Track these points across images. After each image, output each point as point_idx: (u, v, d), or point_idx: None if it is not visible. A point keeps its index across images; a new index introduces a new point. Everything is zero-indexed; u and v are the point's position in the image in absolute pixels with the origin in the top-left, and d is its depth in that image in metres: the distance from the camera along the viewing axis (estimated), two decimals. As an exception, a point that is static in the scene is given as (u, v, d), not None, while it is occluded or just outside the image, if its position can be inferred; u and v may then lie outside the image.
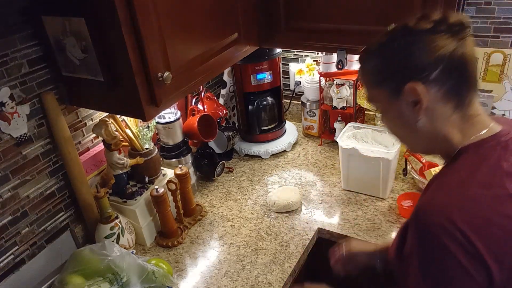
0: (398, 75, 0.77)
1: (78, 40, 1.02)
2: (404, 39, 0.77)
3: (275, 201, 1.52)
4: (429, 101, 0.75)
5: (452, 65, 0.74)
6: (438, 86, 0.75)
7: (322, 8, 1.33)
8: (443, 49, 0.73)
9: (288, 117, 2.11)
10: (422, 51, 0.74)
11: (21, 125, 1.13)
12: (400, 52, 0.77)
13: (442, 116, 0.77)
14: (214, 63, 1.26)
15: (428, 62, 0.74)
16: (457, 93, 0.76)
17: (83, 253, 1.17)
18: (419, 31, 0.75)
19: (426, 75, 0.74)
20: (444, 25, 0.75)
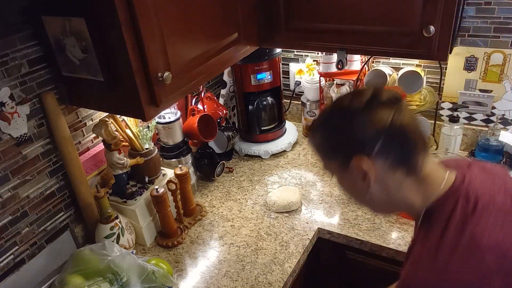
0: (342, 151, 0.80)
1: (78, 40, 1.02)
2: (341, 116, 0.80)
3: (275, 201, 1.52)
4: (377, 173, 0.77)
5: (393, 136, 0.76)
6: (383, 157, 0.76)
7: (322, 8, 1.32)
8: (381, 122, 0.75)
9: (288, 117, 2.11)
10: (361, 127, 0.76)
11: (21, 125, 1.13)
12: (341, 129, 0.80)
13: (395, 184, 0.79)
14: (214, 63, 1.26)
15: (369, 136, 0.76)
16: (404, 160, 0.78)
17: (83, 253, 1.17)
18: (355, 109, 0.78)
19: (369, 149, 0.76)
20: (376, 101, 0.77)
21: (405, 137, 0.76)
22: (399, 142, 0.76)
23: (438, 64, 1.63)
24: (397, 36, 1.26)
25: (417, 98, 1.63)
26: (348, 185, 0.87)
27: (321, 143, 0.85)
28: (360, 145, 0.77)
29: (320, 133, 0.84)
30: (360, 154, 0.77)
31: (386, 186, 0.80)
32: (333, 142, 0.82)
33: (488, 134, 1.59)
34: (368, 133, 0.76)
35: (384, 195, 0.81)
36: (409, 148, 0.77)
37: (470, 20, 1.50)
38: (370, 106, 0.77)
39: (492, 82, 1.58)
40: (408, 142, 0.77)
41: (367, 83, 1.69)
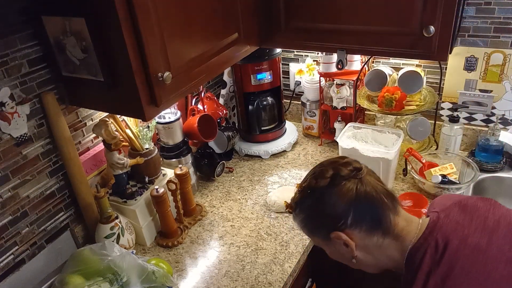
0: (321, 227, 0.88)
1: (78, 40, 1.02)
2: (312, 197, 0.87)
3: (275, 201, 1.52)
4: (356, 241, 0.84)
5: (361, 205, 0.83)
6: (358, 227, 0.84)
7: (322, 8, 1.33)
8: (347, 196, 0.83)
9: (288, 117, 2.11)
10: (331, 204, 0.84)
11: (21, 125, 1.13)
12: (313, 209, 0.88)
13: (376, 246, 0.86)
14: (214, 63, 1.26)
15: (340, 211, 0.83)
16: (378, 224, 0.84)
17: (83, 253, 1.17)
18: (321, 188, 0.85)
19: (343, 223, 0.83)
20: (338, 177, 0.85)
21: (372, 203, 0.83)
22: (368, 209, 0.83)
23: (438, 64, 1.64)
24: (397, 36, 1.26)
25: (417, 98, 1.63)
26: (335, 255, 0.93)
27: (301, 224, 0.92)
28: (334, 221, 0.84)
29: (298, 215, 0.92)
30: (337, 229, 0.84)
31: (368, 249, 0.86)
32: (311, 223, 0.90)
33: (488, 134, 1.59)
34: (338, 208, 0.83)
35: (370, 258, 0.88)
36: (378, 212, 0.84)
37: (470, 20, 1.50)
38: (335, 183, 0.84)
39: (492, 82, 1.58)
40: (376, 206, 0.84)
41: (367, 83, 1.69)
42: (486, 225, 0.80)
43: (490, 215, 0.83)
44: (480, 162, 1.60)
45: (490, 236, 0.78)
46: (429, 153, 1.63)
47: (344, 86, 1.76)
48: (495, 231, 0.79)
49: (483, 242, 0.77)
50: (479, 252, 0.76)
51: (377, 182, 0.86)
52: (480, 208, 0.85)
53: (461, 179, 1.53)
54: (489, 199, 0.88)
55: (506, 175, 1.59)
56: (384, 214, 0.84)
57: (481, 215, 0.82)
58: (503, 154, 1.62)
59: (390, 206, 0.85)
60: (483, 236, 0.78)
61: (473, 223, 0.81)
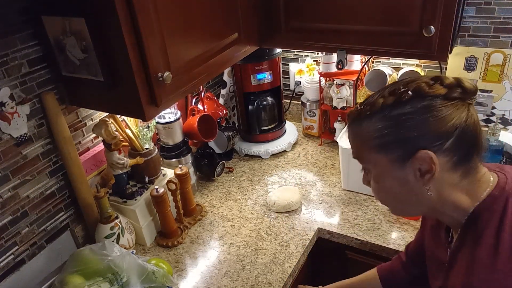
0: (408, 142, 0.72)
1: (78, 40, 1.02)
2: (416, 103, 0.71)
3: (275, 201, 1.52)
4: (439, 171, 0.72)
5: (465, 135, 0.71)
6: (450, 156, 0.72)
7: (322, 8, 1.32)
8: (457, 118, 0.70)
9: (288, 117, 2.11)
10: (436, 119, 0.70)
11: (21, 125, 1.13)
12: (412, 118, 0.71)
13: (450, 184, 0.75)
14: (214, 63, 1.26)
15: (443, 131, 0.70)
16: (467, 161, 0.74)
17: (83, 253, 1.17)
18: (433, 97, 0.71)
19: (440, 144, 0.70)
20: (458, 91, 0.71)
21: (475, 137, 0.73)
22: (468, 142, 0.72)
23: (438, 64, 1.63)
24: (397, 36, 1.26)
25: (417, 98, 1.62)
26: (394, 184, 0.77)
27: (377, 133, 0.74)
28: (431, 139, 0.70)
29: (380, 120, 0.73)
30: (428, 149, 0.70)
31: (441, 186, 0.74)
32: (399, 132, 0.72)
33: (488, 134, 1.59)
34: (443, 127, 0.70)
35: (435, 196, 0.75)
36: (475, 149, 0.74)
37: (470, 20, 1.50)
38: (451, 95, 0.71)
39: (492, 82, 1.58)
40: (475, 142, 0.74)
41: (367, 83, 1.69)
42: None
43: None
44: (480, 162, 1.59)
45: None
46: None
47: (344, 86, 1.76)
48: None
49: None
50: None
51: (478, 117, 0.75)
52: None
53: (461, 179, 1.53)
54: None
55: (506, 175, 1.59)
56: (476, 154, 0.74)
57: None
58: (503, 154, 1.61)
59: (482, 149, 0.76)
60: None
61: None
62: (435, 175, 0.72)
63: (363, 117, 0.76)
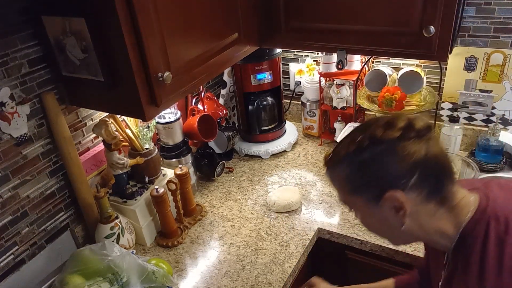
0: (375, 185, 0.76)
1: (78, 40, 1.02)
2: (374, 149, 0.75)
3: (275, 201, 1.52)
4: (411, 206, 0.75)
5: (428, 168, 0.74)
6: (418, 190, 0.75)
7: (322, 8, 1.32)
8: (416, 155, 0.73)
9: (288, 117, 2.11)
10: (396, 160, 0.73)
11: (21, 125, 1.13)
12: (373, 163, 0.75)
13: (428, 214, 0.78)
14: (214, 63, 1.26)
15: (405, 170, 0.74)
16: (438, 191, 0.76)
17: (83, 253, 1.17)
18: (388, 140, 0.74)
19: (405, 183, 0.74)
20: (412, 131, 0.74)
21: (439, 168, 0.75)
22: (434, 174, 0.75)
23: (438, 64, 1.63)
24: (397, 36, 1.26)
25: (417, 98, 1.63)
26: (375, 221, 0.83)
27: (346, 179, 0.79)
28: (395, 179, 0.74)
29: (346, 167, 0.79)
30: (395, 189, 0.74)
31: (420, 217, 0.78)
32: (364, 177, 0.77)
33: (488, 134, 1.59)
34: (403, 166, 0.73)
35: (416, 227, 0.79)
36: (443, 178, 0.76)
37: (470, 20, 1.50)
38: (405, 136, 0.74)
39: (492, 82, 1.58)
40: (441, 173, 0.76)
41: (367, 83, 1.69)
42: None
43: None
44: (480, 162, 1.60)
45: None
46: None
47: (344, 86, 1.76)
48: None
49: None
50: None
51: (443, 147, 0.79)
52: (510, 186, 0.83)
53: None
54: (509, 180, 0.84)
55: (506, 175, 1.59)
56: (448, 181, 0.77)
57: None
58: (503, 154, 1.62)
59: (452, 175, 0.78)
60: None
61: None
62: (407, 211, 0.75)
63: (333, 165, 0.81)
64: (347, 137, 0.82)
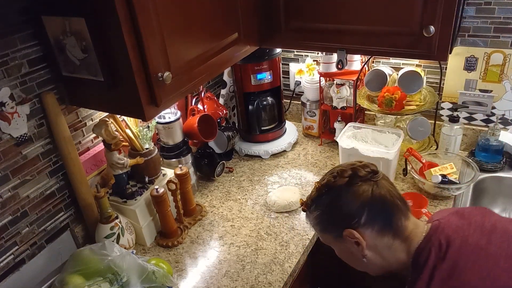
0: (335, 225, 0.92)
1: (78, 40, 1.02)
2: (329, 195, 0.92)
3: (275, 201, 1.52)
4: (367, 240, 0.88)
5: (375, 207, 0.88)
6: (371, 226, 0.88)
7: (322, 8, 1.33)
8: (363, 196, 0.88)
9: (288, 117, 2.11)
10: (347, 202, 0.89)
11: (21, 125, 1.13)
12: (329, 206, 0.92)
13: (385, 246, 0.90)
14: (214, 63, 1.26)
15: (355, 210, 0.88)
16: (389, 226, 0.89)
17: (83, 253, 1.17)
18: (339, 187, 0.90)
19: (357, 221, 0.88)
20: (357, 177, 0.89)
21: (385, 205, 0.88)
22: (381, 211, 0.88)
23: (438, 64, 1.64)
24: (397, 36, 1.26)
25: (417, 98, 1.63)
26: (345, 254, 0.97)
27: (315, 220, 0.95)
28: (348, 219, 0.89)
29: (313, 212, 0.95)
30: (350, 227, 0.88)
31: (377, 250, 0.90)
32: (325, 220, 0.93)
33: (488, 134, 1.59)
34: (353, 206, 0.88)
35: (379, 258, 0.91)
36: (390, 214, 0.89)
37: (470, 20, 1.50)
38: (352, 183, 0.89)
39: (492, 82, 1.58)
40: (389, 209, 0.89)
41: (367, 83, 1.69)
42: (483, 227, 0.86)
43: (486, 219, 0.89)
44: (480, 162, 1.60)
45: (488, 236, 0.84)
46: (429, 153, 1.63)
47: (344, 86, 1.76)
48: (493, 232, 0.85)
49: (483, 241, 0.83)
50: (480, 250, 0.81)
51: (391, 186, 0.92)
52: (476, 214, 0.91)
53: (461, 179, 1.53)
54: (483, 208, 0.95)
55: (506, 175, 1.59)
56: (395, 217, 0.89)
57: (478, 220, 0.88)
58: (503, 154, 1.62)
59: (403, 210, 0.90)
60: (483, 237, 0.84)
61: (472, 226, 0.86)
62: (365, 244, 0.88)
63: (307, 209, 0.98)
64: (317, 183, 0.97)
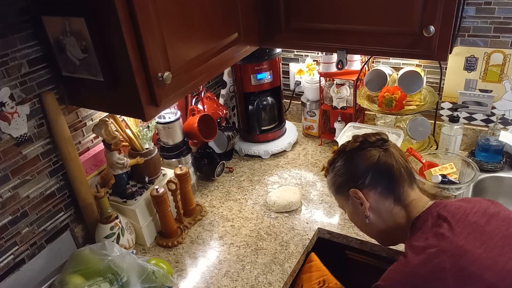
0: (343, 185, 0.99)
1: (78, 40, 1.02)
2: (342, 157, 0.99)
3: (275, 201, 1.52)
4: (371, 201, 0.95)
5: (379, 171, 0.94)
6: (374, 189, 0.94)
7: (322, 8, 1.33)
8: (369, 160, 0.94)
9: (288, 117, 2.11)
10: (355, 164, 0.96)
11: (21, 125, 1.13)
12: (341, 168, 0.99)
13: (386, 210, 0.95)
14: (214, 63, 1.26)
15: (361, 172, 0.95)
16: (391, 191, 0.94)
17: (83, 253, 1.17)
18: (350, 150, 0.98)
19: (362, 182, 0.95)
20: (367, 143, 0.96)
21: (389, 172, 0.93)
22: (385, 176, 0.94)
23: (438, 64, 1.63)
24: (397, 36, 1.26)
25: (417, 98, 1.63)
26: (352, 215, 1.03)
27: (331, 182, 1.03)
28: (355, 179, 0.96)
29: (331, 173, 1.03)
30: (356, 187, 0.95)
31: (380, 213, 0.96)
32: (338, 181, 1.00)
33: (488, 134, 1.59)
34: (360, 168, 0.95)
35: (380, 221, 0.97)
36: (393, 181, 0.94)
37: (470, 20, 1.50)
38: (363, 146, 0.96)
39: (492, 82, 1.58)
40: (392, 176, 0.94)
41: (367, 83, 1.69)
42: (486, 212, 0.88)
43: (491, 208, 0.90)
44: (480, 162, 1.60)
45: (489, 219, 0.87)
46: (429, 153, 1.63)
47: (344, 86, 1.76)
48: (494, 217, 0.87)
49: (482, 221, 0.86)
50: (477, 226, 0.85)
51: (400, 156, 0.96)
52: (482, 202, 0.93)
53: (461, 179, 1.53)
54: (492, 200, 0.95)
55: (506, 175, 1.59)
56: (398, 184, 0.94)
57: (483, 206, 0.91)
58: (503, 154, 1.62)
59: (406, 178, 0.95)
60: (483, 218, 0.87)
61: (474, 209, 0.89)
62: (367, 204, 0.95)
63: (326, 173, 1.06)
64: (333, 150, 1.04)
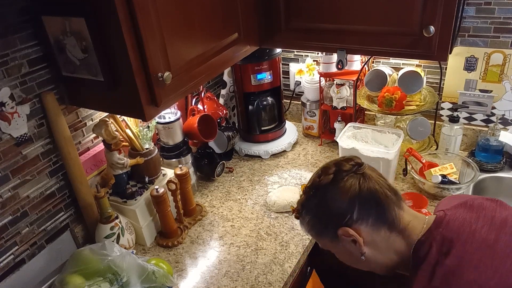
0: (328, 226, 0.87)
1: (78, 40, 1.02)
2: (317, 196, 0.88)
3: (275, 201, 1.52)
4: (364, 236, 0.84)
5: (365, 201, 0.84)
6: (364, 221, 0.84)
7: (322, 8, 1.33)
8: (351, 191, 0.83)
9: (288, 117, 2.11)
10: (335, 200, 0.85)
11: (21, 125, 1.13)
12: (319, 207, 0.88)
13: (383, 241, 0.86)
14: (214, 63, 1.26)
15: (345, 207, 0.84)
16: (383, 218, 0.84)
17: (83, 253, 1.17)
18: (325, 185, 0.86)
19: (349, 218, 0.84)
20: (341, 172, 0.86)
21: (375, 198, 0.84)
22: (372, 205, 0.84)
23: (438, 64, 1.64)
24: (397, 36, 1.26)
25: (417, 98, 1.63)
26: (345, 255, 0.93)
27: (309, 226, 0.92)
28: (340, 217, 0.85)
29: (305, 217, 0.91)
30: (343, 225, 0.84)
31: (376, 245, 0.86)
32: (318, 223, 0.89)
33: (488, 134, 1.59)
34: (343, 203, 0.84)
35: (378, 254, 0.87)
36: (382, 206, 0.84)
37: (470, 20, 1.50)
38: (337, 179, 0.85)
39: (492, 82, 1.58)
40: (380, 200, 0.84)
41: (367, 83, 1.69)
42: (493, 222, 0.80)
43: (497, 213, 0.83)
44: (480, 162, 1.60)
45: (497, 233, 0.78)
46: (429, 153, 1.63)
47: (344, 86, 1.76)
48: (503, 228, 0.79)
49: (491, 238, 0.78)
50: (487, 247, 0.76)
51: (379, 177, 0.87)
52: (486, 207, 0.85)
53: (461, 179, 1.53)
54: (496, 199, 0.88)
55: (506, 175, 1.59)
56: (389, 208, 0.84)
57: (488, 214, 0.83)
58: (503, 154, 1.62)
59: (394, 200, 0.86)
60: (490, 233, 0.78)
61: (480, 220, 0.81)
62: (361, 241, 0.84)
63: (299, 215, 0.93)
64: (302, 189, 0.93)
